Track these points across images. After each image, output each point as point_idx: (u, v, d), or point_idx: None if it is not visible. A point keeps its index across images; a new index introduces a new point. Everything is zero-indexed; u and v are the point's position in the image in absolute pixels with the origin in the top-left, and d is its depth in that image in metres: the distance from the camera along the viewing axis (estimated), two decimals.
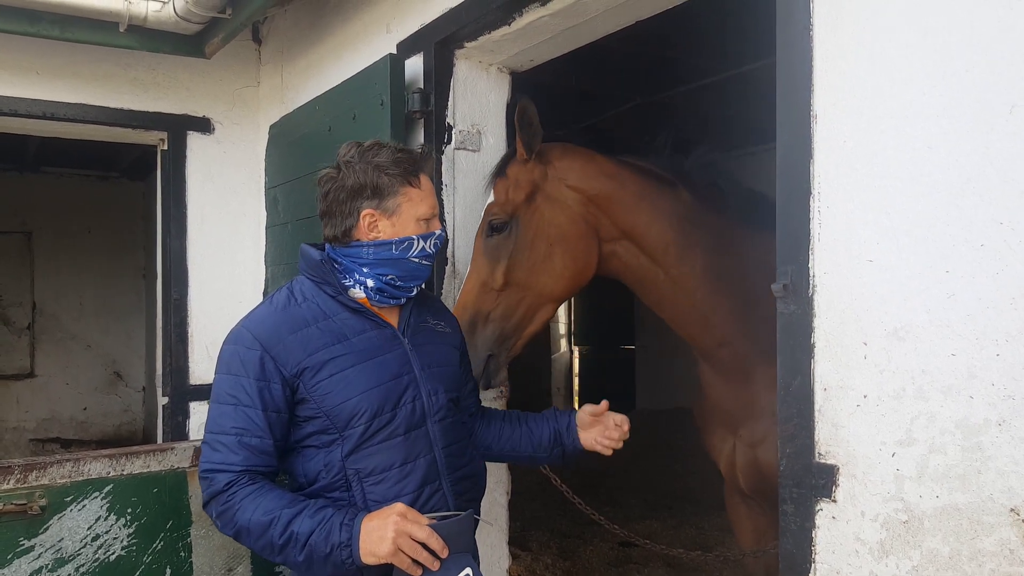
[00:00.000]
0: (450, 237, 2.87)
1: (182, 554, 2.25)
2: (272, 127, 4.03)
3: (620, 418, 2.02)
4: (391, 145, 1.83)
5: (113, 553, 2.14)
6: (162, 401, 4.27)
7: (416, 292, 1.89)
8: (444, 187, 2.87)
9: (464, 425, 1.97)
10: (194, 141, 4.22)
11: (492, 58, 2.94)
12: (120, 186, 8.66)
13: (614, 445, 2.01)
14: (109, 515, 2.14)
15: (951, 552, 1.36)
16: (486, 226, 2.43)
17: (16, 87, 3.79)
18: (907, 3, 1.45)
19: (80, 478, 2.11)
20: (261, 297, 4.08)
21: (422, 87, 2.88)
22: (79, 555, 2.09)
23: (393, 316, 1.87)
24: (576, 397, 9.38)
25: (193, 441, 2.36)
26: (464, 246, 2.87)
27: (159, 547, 2.21)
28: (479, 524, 1.78)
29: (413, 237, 1.80)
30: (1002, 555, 1.30)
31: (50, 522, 2.06)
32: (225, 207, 4.31)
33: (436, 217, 1.86)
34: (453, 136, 2.89)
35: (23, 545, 2.02)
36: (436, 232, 1.85)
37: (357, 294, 1.82)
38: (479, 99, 2.98)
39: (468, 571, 1.61)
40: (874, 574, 1.47)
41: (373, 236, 1.79)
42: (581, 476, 6.16)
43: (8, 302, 8.28)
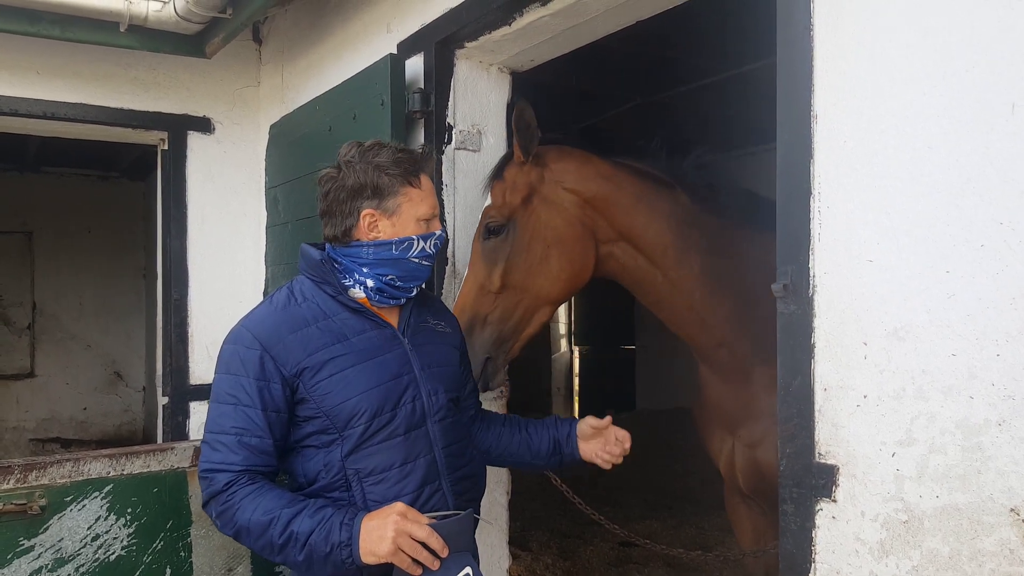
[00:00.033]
0: (450, 237, 2.87)
1: (182, 554, 2.25)
2: (272, 127, 4.03)
3: (622, 434, 2.03)
4: (392, 145, 1.83)
5: (113, 553, 2.14)
6: (162, 401, 4.27)
7: (416, 292, 1.89)
8: (444, 187, 2.87)
9: (464, 425, 1.97)
10: (194, 141, 4.22)
11: (492, 58, 2.94)
12: (120, 186, 8.66)
13: (614, 460, 2.02)
14: (109, 515, 2.14)
15: (951, 552, 1.36)
16: (483, 229, 2.43)
17: (16, 87, 3.79)
18: (907, 3, 1.45)
19: (80, 478, 2.12)
20: (261, 297, 4.08)
21: (422, 87, 2.88)
22: (79, 555, 2.09)
23: (393, 316, 1.87)
24: (576, 397, 9.37)
25: (193, 441, 2.36)
26: (464, 246, 2.87)
27: (159, 547, 2.21)
28: (479, 523, 1.78)
29: (413, 237, 1.80)
30: (1002, 555, 1.30)
31: (50, 522, 2.06)
32: (225, 207, 4.31)
33: (436, 217, 1.86)
34: (453, 136, 2.89)
35: (23, 545, 2.02)
36: (436, 232, 1.85)
37: (357, 294, 1.82)
38: (479, 99, 2.98)
39: (468, 570, 1.61)
40: (874, 574, 1.47)
41: (373, 236, 1.79)
42: (581, 476, 6.16)
43: (8, 302, 8.28)
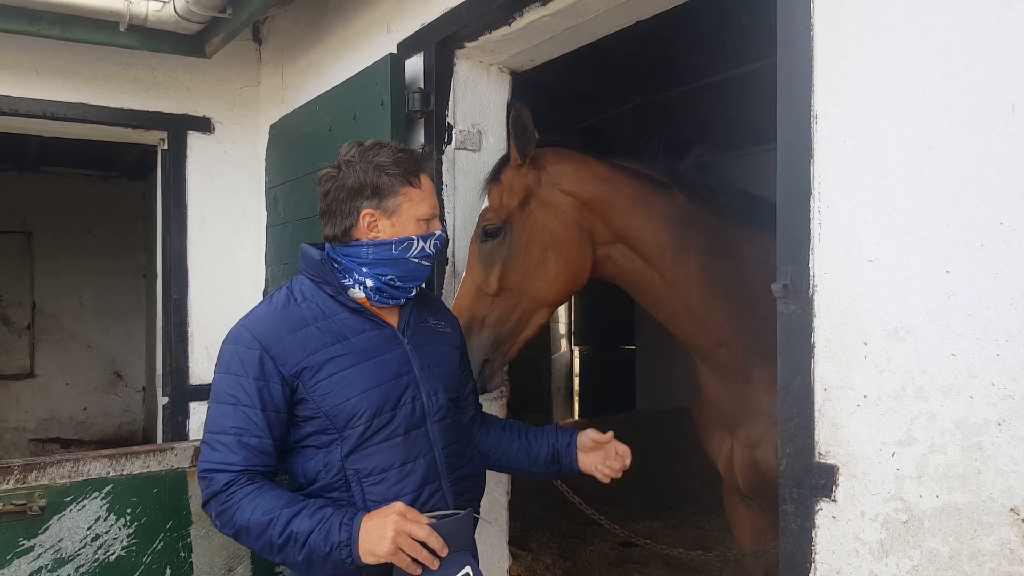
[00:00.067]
0: (450, 237, 2.87)
1: (182, 554, 2.25)
2: (272, 127, 4.03)
3: (623, 449, 2.03)
4: (392, 145, 1.83)
5: (113, 553, 2.14)
6: (162, 401, 4.27)
7: (416, 292, 1.89)
8: (444, 187, 2.87)
9: (464, 425, 1.97)
10: (194, 141, 4.22)
11: (492, 58, 2.94)
12: (120, 186, 8.66)
13: (613, 474, 2.03)
14: (109, 515, 2.14)
15: (951, 552, 1.36)
16: (480, 231, 2.42)
17: (16, 87, 3.79)
18: (907, 3, 1.45)
19: (80, 478, 2.11)
20: (261, 297, 4.07)
21: (422, 87, 2.88)
22: (79, 555, 2.09)
23: (393, 316, 1.87)
24: (576, 397, 9.37)
25: (193, 441, 2.36)
26: (464, 246, 2.87)
27: (159, 547, 2.21)
28: (479, 523, 1.78)
29: (413, 237, 1.80)
30: (1002, 555, 1.30)
31: (50, 522, 2.06)
32: (225, 207, 4.31)
33: (436, 217, 1.86)
34: (453, 136, 2.89)
35: (23, 545, 2.02)
36: (436, 232, 1.85)
37: (357, 294, 1.82)
38: (479, 99, 2.98)
39: (468, 570, 1.61)
40: (874, 574, 1.47)
41: (373, 236, 1.79)
42: (581, 476, 6.15)
43: (8, 302, 8.27)
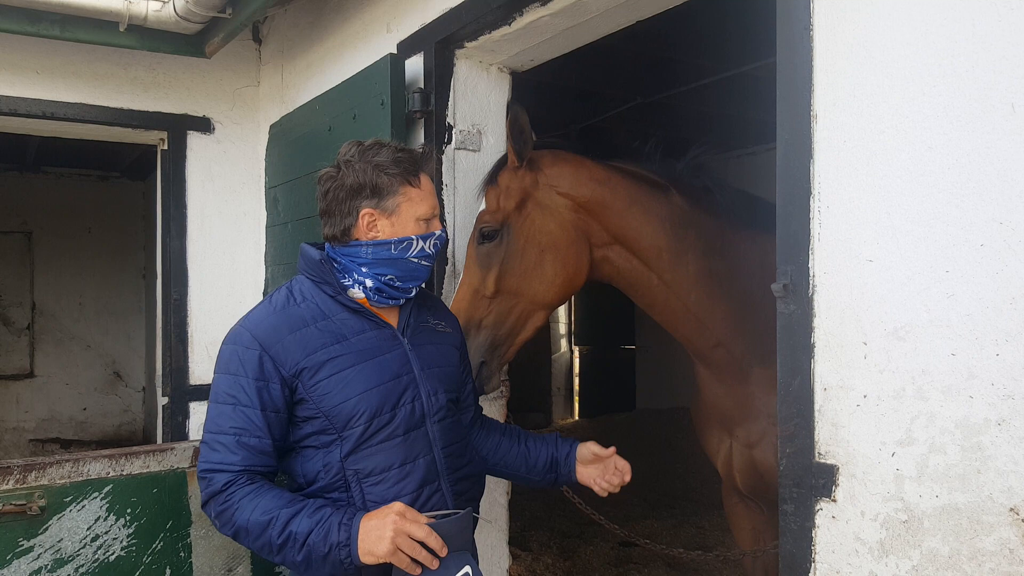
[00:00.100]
0: (450, 237, 2.87)
1: (182, 554, 2.25)
2: (272, 127, 4.03)
3: (624, 465, 2.03)
4: (391, 144, 1.83)
5: (113, 553, 2.14)
6: (162, 401, 4.28)
7: (416, 292, 1.88)
8: (444, 187, 2.87)
9: (464, 425, 1.96)
10: (194, 141, 4.22)
11: (492, 58, 2.94)
12: (120, 186, 8.66)
13: (611, 489, 2.02)
14: (109, 515, 2.14)
15: (951, 552, 1.36)
16: (477, 234, 2.42)
17: (16, 87, 3.79)
18: (907, 3, 1.44)
19: (79, 478, 2.11)
20: (261, 297, 4.08)
21: (422, 87, 2.88)
22: (78, 555, 2.09)
23: (393, 316, 1.87)
24: (576, 397, 9.38)
25: (193, 441, 2.36)
26: (464, 246, 2.87)
27: (159, 547, 2.21)
28: (479, 523, 1.78)
29: (412, 237, 1.79)
30: (1002, 555, 1.30)
31: (49, 522, 2.06)
32: (225, 207, 4.31)
33: (436, 217, 1.86)
34: (453, 136, 2.89)
35: (22, 546, 2.02)
36: (436, 232, 1.85)
37: (356, 294, 1.82)
38: (479, 99, 2.98)
39: (467, 569, 1.61)
40: (874, 574, 1.47)
41: (372, 236, 1.78)
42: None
43: (8, 302, 8.27)
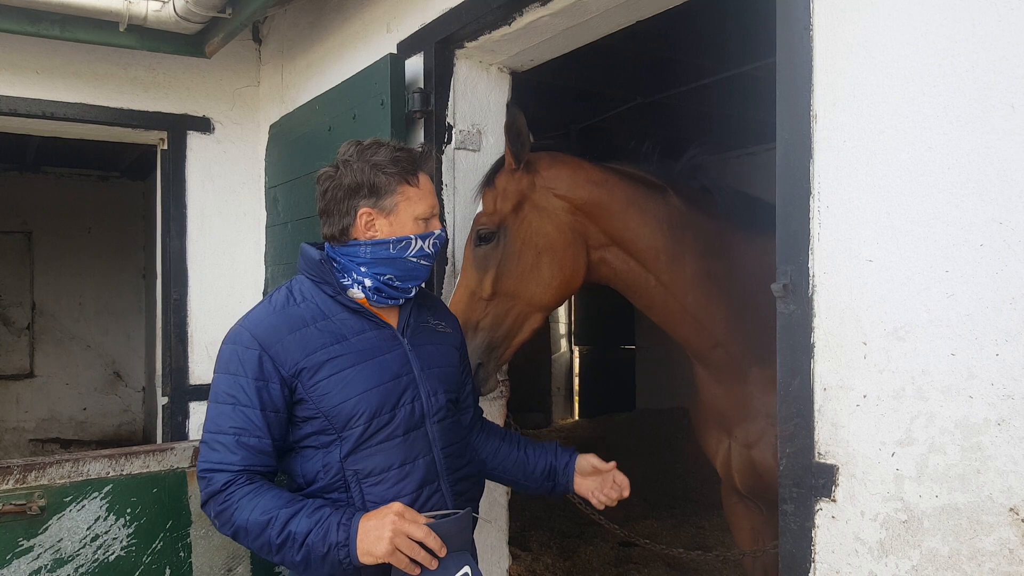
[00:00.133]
0: (450, 237, 2.86)
1: (182, 554, 2.25)
2: (272, 127, 4.03)
3: (623, 480, 2.03)
4: (390, 144, 1.82)
5: (112, 553, 2.14)
6: (162, 401, 4.28)
7: (415, 292, 1.88)
8: (444, 187, 2.87)
9: (464, 426, 1.96)
10: (194, 141, 4.22)
11: (492, 58, 2.94)
12: (120, 186, 8.66)
13: (608, 502, 2.03)
14: (108, 515, 2.14)
15: (950, 552, 1.36)
16: (474, 236, 2.42)
17: (16, 87, 3.79)
18: (907, 3, 1.44)
19: (79, 478, 2.11)
20: (261, 297, 4.07)
21: (422, 87, 2.88)
22: (78, 555, 2.09)
23: (393, 316, 1.87)
24: (576, 397, 9.39)
25: (193, 441, 2.36)
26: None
27: (159, 547, 2.21)
28: (478, 523, 1.78)
29: (411, 237, 1.79)
30: (1001, 555, 1.30)
31: (49, 522, 2.06)
32: (225, 207, 4.31)
33: (436, 217, 1.85)
34: (453, 136, 2.89)
35: (22, 545, 2.02)
36: (435, 232, 1.84)
37: (356, 294, 1.81)
38: (479, 99, 2.98)
39: (467, 569, 1.60)
40: (874, 574, 1.47)
41: (370, 235, 1.78)
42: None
43: (8, 302, 8.27)
